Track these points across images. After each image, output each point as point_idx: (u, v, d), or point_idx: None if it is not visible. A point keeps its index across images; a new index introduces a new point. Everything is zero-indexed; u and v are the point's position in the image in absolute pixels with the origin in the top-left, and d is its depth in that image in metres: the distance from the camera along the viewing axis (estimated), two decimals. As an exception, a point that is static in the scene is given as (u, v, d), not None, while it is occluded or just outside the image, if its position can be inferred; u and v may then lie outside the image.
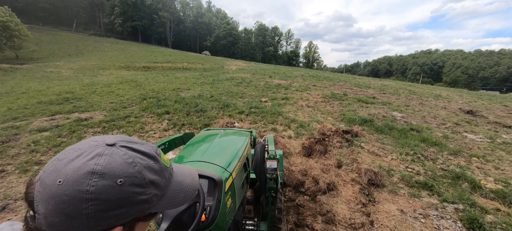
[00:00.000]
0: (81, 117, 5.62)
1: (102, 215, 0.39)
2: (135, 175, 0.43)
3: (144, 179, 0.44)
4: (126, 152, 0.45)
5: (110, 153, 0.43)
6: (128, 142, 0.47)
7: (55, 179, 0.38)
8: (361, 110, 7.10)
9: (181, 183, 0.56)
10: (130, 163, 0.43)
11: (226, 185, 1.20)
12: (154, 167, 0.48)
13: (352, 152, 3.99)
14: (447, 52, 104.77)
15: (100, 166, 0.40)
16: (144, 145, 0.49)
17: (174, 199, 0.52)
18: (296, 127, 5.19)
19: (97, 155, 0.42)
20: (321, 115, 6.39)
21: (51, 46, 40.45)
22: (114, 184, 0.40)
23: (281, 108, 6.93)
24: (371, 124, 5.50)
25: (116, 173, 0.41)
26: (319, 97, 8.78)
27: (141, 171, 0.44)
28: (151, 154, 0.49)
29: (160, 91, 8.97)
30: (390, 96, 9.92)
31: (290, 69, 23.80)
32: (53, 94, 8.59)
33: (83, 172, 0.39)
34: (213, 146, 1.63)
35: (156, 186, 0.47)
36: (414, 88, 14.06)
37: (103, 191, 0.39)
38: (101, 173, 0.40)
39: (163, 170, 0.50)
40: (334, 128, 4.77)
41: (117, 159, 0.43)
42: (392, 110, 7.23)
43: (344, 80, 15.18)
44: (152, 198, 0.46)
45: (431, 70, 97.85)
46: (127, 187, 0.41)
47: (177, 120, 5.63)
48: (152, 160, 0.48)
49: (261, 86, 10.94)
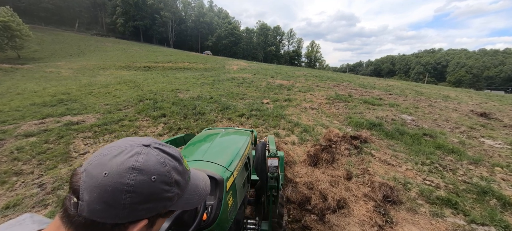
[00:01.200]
0: (72, 120, 5.33)
1: (135, 207, 0.43)
2: (165, 174, 0.48)
3: (171, 178, 0.49)
4: (158, 153, 0.49)
5: (146, 152, 0.48)
6: (159, 144, 0.52)
7: (101, 171, 0.43)
8: (368, 112, 6.73)
9: (197, 186, 0.59)
10: (162, 162, 0.48)
11: (228, 184, 1.20)
12: (179, 168, 0.52)
13: (362, 161, 3.63)
14: (451, 51, 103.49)
15: (139, 163, 0.45)
16: (172, 148, 0.54)
17: (190, 200, 0.56)
18: (300, 132, 4.84)
19: (136, 153, 0.46)
20: (326, 118, 6.03)
21: (53, 46, 40.51)
22: (149, 180, 0.45)
23: (284, 110, 6.58)
24: (380, 128, 5.13)
25: (151, 171, 0.45)
26: (323, 99, 8.41)
27: (170, 171, 0.49)
28: (177, 157, 0.53)
29: (158, 92, 8.67)
30: (397, 97, 9.52)
31: (292, 69, 23.40)
32: (48, 95, 8.34)
33: (126, 167, 0.43)
34: (214, 146, 1.63)
35: (179, 186, 0.52)
36: (420, 89, 13.62)
37: (140, 185, 0.43)
38: (140, 169, 0.44)
39: (185, 172, 0.55)
40: (341, 133, 4.42)
41: (152, 158, 0.47)
42: (401, 112, 6.84)
43: (348, 80, 14.78)
44: (175, 196, 0.50)
45: (435, 69, 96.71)
46: (158, 184, 0.46)
47: (173, 124, 5.31)
48: (178, 162, 0.52)
49: (263, 87, 10.59)
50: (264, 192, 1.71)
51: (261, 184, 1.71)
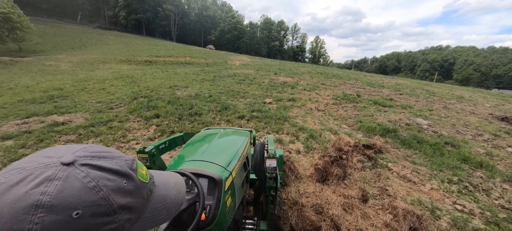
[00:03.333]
0: (58, 120, 4.91)
1: None
2: (99, 203, 0.35)
3: (111, 205, 0.37)
4: (88, 172, 0.37)
5: (65, 176, 0.34)
6: (92, 157, 0.39)
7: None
8: (379, 115, 6.20)
9: (165, 197, 0.49)
10: (92, 188, 0.35)
11: (226, 184, 1.20)
12: (126, 187, 0.40)
13: (378, 176, 3.14)
14: (458, 48, 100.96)
15: (48, 197, 0.32)
16: (115, 160, 0.42)
17: (154, 218, 0.46)
18: (306, 138, 4.35)
19: (46, 179, 0.33)
20: (334, 122, 5.52)
21: (55, 39, 40.21)
22: (68, 218, 0.32)
23: (288, 111, 6.08)
24: (395, 135, 4.61)
25: (70, 204, 0.33)
26: (329, 98, 7.87)
27: (107, 197, 0.37)
28: (123, 172, 0.41)
29: (155, 89, 8.22)
30: (409, 98, 8.94)
31: (296, 65, 22.73)
32: (39, 91, 7.95)
33: (24, 204, 0.31)
34: (213, 146, 1.62)
35: (129, 209, 0.40)
36: (431, 88, 12.96)
37: (51, 229, 0.31)
38: (50, 206, 0.31)
39: (139, 189, 0.43)
40: (352, 141, 3.92)
41: (75, 184, 0.34)
42: (415, 115, 6.30)
43: (355, 78, 14.16)
44: (124, 224, 0.39)
45: (441, 67, 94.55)
46: (86, 219, 0.34)
47: (167, 126, 4.86)
48: (125, 179, 0.41)
49: (265, 84, 10.07)
50: (263, 192, 1.68)
51: (260, 185, 1.69)
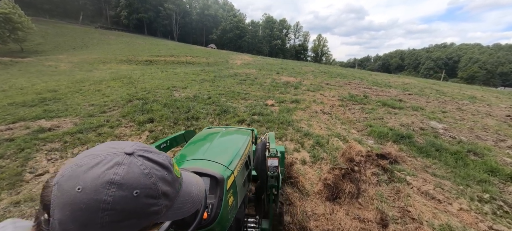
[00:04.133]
0: (44, 126, 4.58)
1: (115, 225, 0.39)
2: (150, 187, 0.43)
3: (158, 190, 0.44)
4: (143, 162, 0.44)
5: (128, 162, 0.42)
6: (145, 151, 0.47)
7: (74, 185, 0.38)
8: (389, 118, 5.77)
9: (189, 193, 0.55)
10: (146, 174, 0.43)
11: (228, 183, 1.21)
12: (167, 178, 0.47)
13: (397, 193, 2.74)
14: (463, 46, 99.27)
15: (119, 176, 0.40)
16: (160, 155, 0.49)
17: (181, 209, 0.51)
18: (312, 146, 3.96)
19: (116, 164, 0.41)
20: (341, 126, 5.11)
21: (57, 39, 40.20)
22: (130, 195, 0.39)
23: (291, 115, 5.68)
24: (410, 141, 4.19)
25: (133, 184, 0.40)
26: (335, 100, 7.45)
27: (156, 182, 0.44)
28: (165, 165, 0.48)
29: (152, 90, 7.87)
30: (418, 98, 8.47)
31: (299, 64, 22.27)
32: (33, 93, 7.65)
33: (103, 181, 0.38)
34: (215, 145, 1.63)
35: (167, 197, 0.47)
36: (440, 88, 12.44)
37: (119, 202, 0.38)
38: (120, 184, 0.39)
39: (174, 181, 0.50)
40: (364, 150, 3.52)
41: (135, 169, 0.42)
42: (428, 118, 5.86)
43: (360, 78, 13.68)
44: (162, 209, 0.46)
45: (446, 65, 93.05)
46: (142, 199, 0.41)
47: (161, 131, 4.51)
48: (166, 171, 0.48)
49: (267, 85, 9.67)
50: (264, 191, 1.72)
51: (261, 183, 1.72)
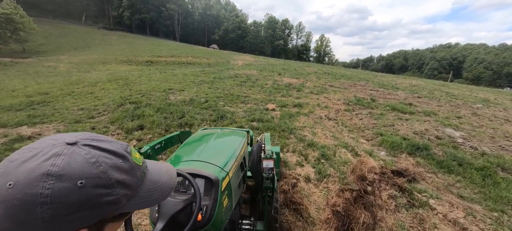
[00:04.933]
0: (24, 134, 4.20)
1: (61, 219, 0.37)
2: (99, 176, 0.41)
3: (110, 179, 0.42)
4: (89, 151, 0.42)
5: (69, 152, 0.40)
6: (92, 140, 0.45)
7: (5, 182, 0.36)
8: (400, 124, 5.30)
9: (156, 181, 0.54)
10: (93, 163, 0.41)
11: (223, 184, 1.21)
12: (122, 166, 0.46)
13: (420, 222, 2.29)
14: (468, 46, 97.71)
15: (57, 167, 0.37)
16: (112, 143, 0.47)
17: (149, 198, 0.51)
18: (317, 159, 3.51)
19: (54, 155, 0.39)
20: (349, 135, 4.65)
21: (59, 39, 40.24)
22: (73, 186, 0.37)
23: (293, 121, 5.24)
24: (428, 153, 3.72)
25: (76, 175, 0.38)
26: (340, 103, 6.99)
27: (106, 171, 0.42)
28: (119, 153, 0.46)
29: (147, 93, 7.49)
30: (429, 102, 7.97)
31: (301, 65, 21.78)
32: (23, 96, 7.32)
33: (37, 174, 0.36)
34: (210, 146, 1.64)
35: (126, 186, 0.45)
36: (450, 89, 11.88)
37: (60, 194, 0.36)
38: (58, 175, 0.37)
39: (133, 169, 0.49)
40: (377, 165, 3.07)
41: (78, 159, 0.40)
42: (443, 124, 5.37)
43: (365, 79, 13.17)
44: (121, 198, 0.44)
45: (450, 65, 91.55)
46: (89, 189, 0.39)
47: (150, 140, 4.10)
48: (121, 159, 0.46)
49: (268, 87, 9.23)
50: (259, 192, 1.69)
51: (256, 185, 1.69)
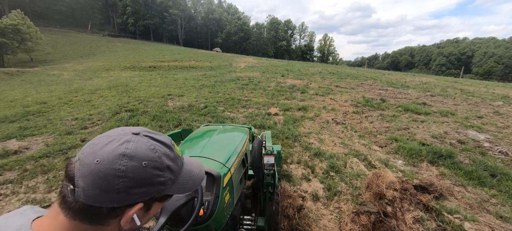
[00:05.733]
0: (10, 148, 3.94)
1: (129, 191, 0.45)
2: (156, 160, 0.49)
3: (163, 163, 0.50)
4: (148, 140, 0.50)
5: (136, 140, 0.48)
6: (149, 132, 0.53)
7: (93, 159, 0.44)
8: (416, 127, 4.83)
9: (190, 171, 0.61)
10: (152, 149, 0.49)
11: (225, 180, 1.22)
12: (170, 154, 0.53)
13: (456, 255, 1.87)
14: (477, 40, 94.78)
15: (129, 150, 0.46)
16: (162, 136, 0.55)
17: (185, 185, 0.58)
18: (326, 172, 3.11)
19: (126, 141, 0.47)
20: (360, 141, 4.22)
21: (66, 48, 41.01)
22: (140, 165, 0.46)
23: (298, 126, 4.84)
24: (452, 162, 3.27)
25: (141, 157, 0.47)
26: (348, 105, 6.55)
27: (160, 156, 0.50)
28: (167, 144, 0.54)
29: (145, 100, 7.23)
30: (444, 100, 7.43)
31: (305, 65, 21.31)
32: (20, 106, 7.16)
33: (117, 153, 0.44)
34: (212, 142, 1.66)
35: (171, 171, 0.53)
36: (464, 86, 11.22)
37: (131, 171, 0.45)
38: (131, 156, 0.45)
39: (176, 158, 0.56)
40: (396, 180, 2.65)
41: (142, 145, 0.48)
42: (464, 126, 4.87)
43: (372, 78, 12.63)
44: (168, 181, 0.52)
45: (459, 60, 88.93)
46: (149, 169, 0.47)
47: (142, 153, 3.78)
48: (168, 149, 0.53)
49: (271, 89, 8.86)
50: (261, 189, 1.71)
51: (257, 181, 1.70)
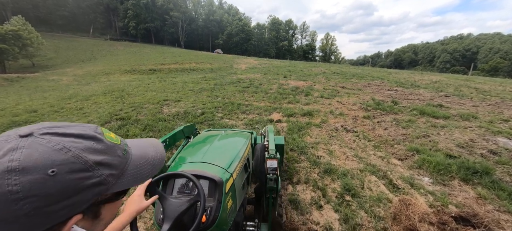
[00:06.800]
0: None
1: (48, 210, 0.36)
2: (72, 161, 0.39)
3: (86, 162, 0.40)
4: (50, 139, 0.39)
5: (27, 144, 0.37)
6: (51, 128, 0.41)
7: None
8: (436, 134, 4.29)
9: (144, 156, 0.54)
10: (59, 149, 0.38)
11: (227, 186, 1.22)
12: (95, 147, 0.43)
13: None
14: (482, 36, 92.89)
15: (17, 162, 0.35)
16: (77, 127, 0.44)
17: (140, 172, 0.51)
18: (339, 195, 2.60)
19: (10, 150, 0.36)
20: (375, 152, 3.69)
21: (68, 53, 41.15)
22: (44, 176, 0.36)
23: (304, 135, 4.34)
24: (491, 180, 2.73)
25: (42, 164, 0.36)
26: (357, 109, 6.02)
27: (78, 155, 0.40)
28: (87, 135, 0.43)
29: (140, 106, 6.79)
30: (461, 101, 6.85)
31: (307, 65, 20.76)
32: (10, 115, 6.80)
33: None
34: (214, 147, 1.66)
35: (108, 166, 0.44)
36: (477, 84, 10.57)
37: (32, 187, 0.35)
38: (21, 169, 0.35)
39: (111, 148, 0.47)
40: (432, 211, 2.14)
41: (39, 148, 0.37)
42: (492, 132, 4.32)
43: (379, 77, 12.05)
44: (107, 178, 0.44)
45: (463, 57, 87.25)
46: (65, 175, 0.37)
47: (127, 171, 3.32)
48: (92, 141, 0.43)
49: (273, 92, 8.37)
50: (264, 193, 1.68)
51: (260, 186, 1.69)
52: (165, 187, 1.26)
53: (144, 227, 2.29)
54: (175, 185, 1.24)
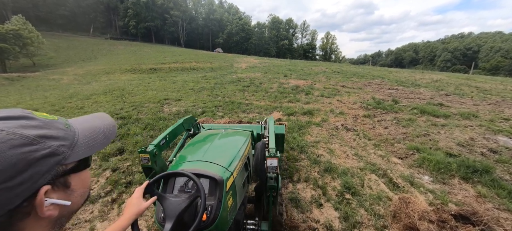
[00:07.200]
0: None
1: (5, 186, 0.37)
2: (9, 138, 0.38)
3: (27, 137, 0.40)
4: None
5: None
6: None
7: None
8: (436, 133, 4.30)
9: (93, 127, 0.54)
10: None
11: (227, 184, 1.22)
12: (30, 124, 0.43)
13: None
14: (483, 35, 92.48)
15: None
16: (4, 111, 0.43)
17: (94, 142, 0.52)
18: (339, 194, 2.62)
19: None
20: (375, 151, 3.71)
21: (68, 52, 41.15)
22: None
23: (304, 134, 4.35)
24: (491, 178, 2.74)
25: None
26: (357, 108, 6.03)
27: (14, 132, 0.39)
28: (17, 115, 0.43)
29: (140, 105, 6.81)
30: (461, 100, 6.85)
31: (308, 64, 20.74)
32: (10, 114, 6.81)
33: None
34: (214, 146, 1.64)
35: (54, 138, 0.44)
36: (478, 83, 10.55)
37: None
38: None
39: (48, 123, 0.46)
40: (432, 209, 2.15)
41: None
42: (492, 130, 4.32)
43: (380, 76, 12.04)
44: (59, 148, 0.44)
45: (464, 55, 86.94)
46: (8, 152, 0.37)
47: (127, 169, 3.33)
48: (23, 119, 0.43)
49: (273, 91, 8.37)
50: (264, 192, 1.67)
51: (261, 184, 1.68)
52: (165, 186, 1.27)
53: (146, 225, 2.31)
54: (176, 184, 1.25)
